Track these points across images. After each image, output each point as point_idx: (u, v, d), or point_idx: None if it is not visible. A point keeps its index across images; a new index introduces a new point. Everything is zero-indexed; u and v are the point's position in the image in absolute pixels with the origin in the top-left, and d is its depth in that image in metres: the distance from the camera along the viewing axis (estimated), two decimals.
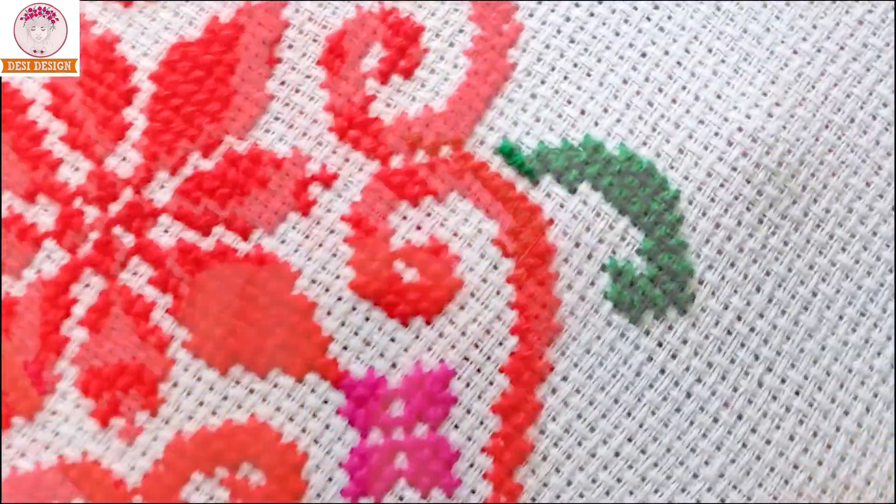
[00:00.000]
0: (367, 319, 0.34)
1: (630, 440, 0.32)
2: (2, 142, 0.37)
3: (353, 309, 0.34)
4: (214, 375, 0.34)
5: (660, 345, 0.33)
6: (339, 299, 0.34)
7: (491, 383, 0.33)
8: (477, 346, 0.33)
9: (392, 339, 0.34)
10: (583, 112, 0.34)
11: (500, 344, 0.33)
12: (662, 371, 0.32)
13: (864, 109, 0.34)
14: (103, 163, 0.36)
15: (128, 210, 0.35)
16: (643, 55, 0.34)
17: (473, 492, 0.32)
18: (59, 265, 0.36)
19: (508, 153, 0.34)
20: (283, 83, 0.36)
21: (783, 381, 0.33)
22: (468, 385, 0.33)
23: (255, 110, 0.35)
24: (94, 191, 0.36)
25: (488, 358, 0.33)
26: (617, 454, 0.32)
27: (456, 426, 0.33)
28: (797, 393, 0.33)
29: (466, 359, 0.33)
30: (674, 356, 0.33)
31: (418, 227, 0.34)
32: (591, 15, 0.35)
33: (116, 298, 0.35)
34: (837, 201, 0.33)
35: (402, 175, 0.34)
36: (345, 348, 0.34)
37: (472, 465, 0.33)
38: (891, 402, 0.33)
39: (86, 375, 0.35)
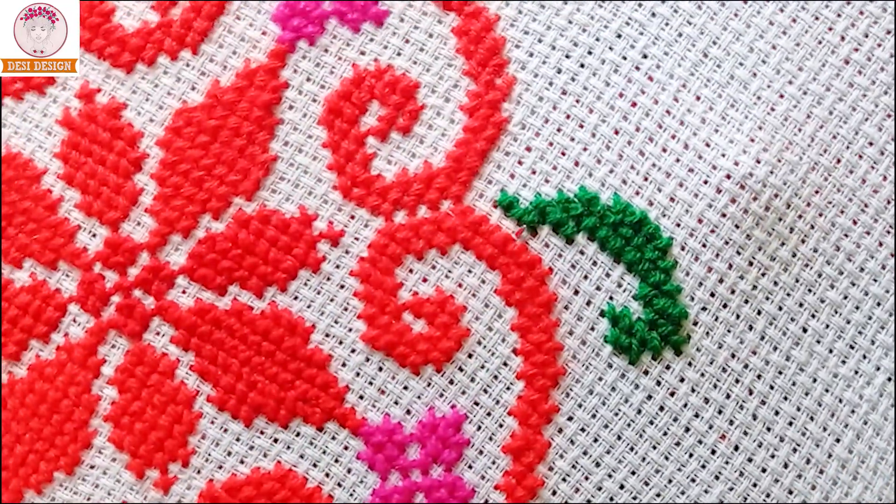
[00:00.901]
0: (381, 369, 0.38)
1: (634, 473, 0.36)
2: (21, 211, 0.40)
3: (367, 360, 0.38)
4: (240, 427, 0.38)
5: (658, 384, 0.36)
6: (353, 351, 0.38)
7: (501, 425, 0.37)
8: (486, 392, 0.37)
9: (405, 388, 0.37)
10: (577, 163, 0.37)
11: (508, 388, 0.37)
12: (662, 408, 0.36)
13: (851, 149, 0.37)
14: (119, 229, 0.39)
15: (146, 273, 0.39)
16: (633, 105, 0.37)
17: None
18: (84, 328, 0.39)
19: (507, 206, 0.37)
20: (286, 143, 0.39)
21: (777, 413, 0.36)
22: (479, 428, 0.37)
23: (260, 171, 0.39)
24: (112, 256, 0.39)
25: (497, 402, 0.37)
26: (622, 486, 0.36)
27: (470, 466, 0.37)
28: (790, 424, 0.36)
29: (477, 403, 0.37)
30: (672, 394, 0.36)
31: (424, 280, 0.38)
32: (582, 66, 0.38)
33: (142, 358, 0.39)
34: (825, 240, 0.37)
35: (407, 230, 0.38)
36: (361, 397, 0.37)
37: (486, 503, 0.36)
38: (880, 428, 0.36)
39: (119, 431, 0.39)
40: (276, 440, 0.39)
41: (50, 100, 0.41)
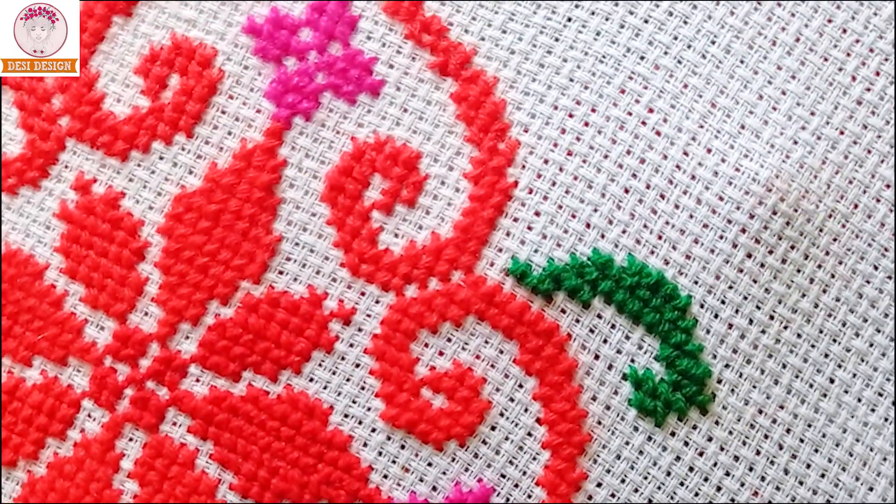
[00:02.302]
0: (403, 447, 0.39)
1: None
2: (26, 309, 0.41)
3: (388, 438, 0.39)
4: None
5: (686, 444, 0.37)
6: (374, 430, 0.39)
7: (529, 496, 0.38)
8: (512, 463, 0.38)
9: (429, 464, 0.38)
10: (588, 225, 0.38)
11: (534, 459, 0.38)
12: (691, 469, 0.37)
13: (868, 193, 0.37)
14: (126, 320, 0.40)
15: (157, 364, 0.40)
16: (642, 161, 0.38)
17: None
18: (100, 423, 0.40)
19: (521, 275, 0.38)
20: (289, 223, 0.40)
21: (808, 466, 0.37)
22: (508, 500, 0.38)
23: (266, 254, 0.40)
24: (122, 349, 0.40)
25: (524, 473, 0.38)
26: None
27: None
28: (822, 476, 0.37)
29: (503, 476, 0.38)
30: (701, 454, 0.37)
31: (441, 354, 0.39)
32: (586, 125, 0.38)
33: (160, 450, 0.40)
34: (847, 288, 0.37)
35: (419, 304, 0.39)
36: (385, 476, 0.38)
37: None
38: None
39: None
40: None
41: (45, 193, 0.42)
